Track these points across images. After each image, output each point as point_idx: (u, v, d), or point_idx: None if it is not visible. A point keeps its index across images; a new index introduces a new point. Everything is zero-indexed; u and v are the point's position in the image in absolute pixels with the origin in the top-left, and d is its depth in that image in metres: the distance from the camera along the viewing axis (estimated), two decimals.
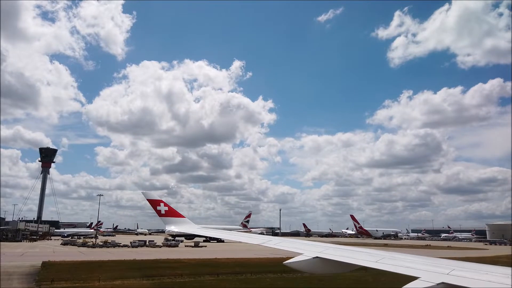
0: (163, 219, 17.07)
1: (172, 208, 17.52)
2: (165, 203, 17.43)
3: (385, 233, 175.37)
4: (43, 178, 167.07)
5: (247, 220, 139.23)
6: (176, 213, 17.55)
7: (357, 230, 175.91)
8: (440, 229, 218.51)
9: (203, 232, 17.71)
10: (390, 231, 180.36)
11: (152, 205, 17.31)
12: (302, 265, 9.14)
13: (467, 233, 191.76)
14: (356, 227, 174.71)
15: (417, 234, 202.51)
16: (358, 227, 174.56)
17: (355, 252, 9.96)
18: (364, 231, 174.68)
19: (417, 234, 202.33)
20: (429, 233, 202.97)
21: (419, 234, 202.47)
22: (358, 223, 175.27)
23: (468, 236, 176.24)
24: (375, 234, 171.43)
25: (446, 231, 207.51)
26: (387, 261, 8.45)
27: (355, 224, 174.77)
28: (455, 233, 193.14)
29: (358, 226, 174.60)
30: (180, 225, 17.44)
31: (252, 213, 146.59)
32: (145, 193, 17.94)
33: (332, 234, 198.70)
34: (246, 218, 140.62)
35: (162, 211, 17.17)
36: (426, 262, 8.24)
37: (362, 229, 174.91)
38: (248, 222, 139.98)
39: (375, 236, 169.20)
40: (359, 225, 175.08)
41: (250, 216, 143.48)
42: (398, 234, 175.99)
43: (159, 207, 17.20)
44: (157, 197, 17.73)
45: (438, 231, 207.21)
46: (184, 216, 17.54)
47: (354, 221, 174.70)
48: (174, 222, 17.34)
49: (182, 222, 17.48)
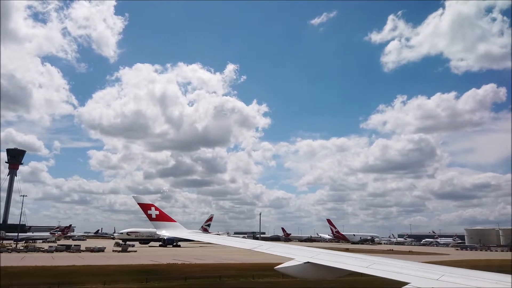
0: (154, 223, 17.39)
1: (163, 212, 17.85)
2: (156, 207, 17.73)
3: (362, 237, 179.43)
4: (10, 180, 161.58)
5: (208, 224, 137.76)
6: (167, 218, 17.87)
7: (333, 235, 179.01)
8: (426, 234, 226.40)
9: (193, 236, 18.20)
10: (367, 235, 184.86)
11: (143, 209, 17.55)
12: (293, 270, 9.42)
13: (450, 238, 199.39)
14: (333, 232, 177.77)
15: (402, 238, 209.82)
16: (335, 232, 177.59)
17: (346, 257, 10.22)
18: (341, 235, 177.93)
19: (403, 238, 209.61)
20: (415, 238, 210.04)
21: (400, 239, 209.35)
22: (335, 228, 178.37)
23: (449, 241, 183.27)
24: (352, 239, 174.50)
25: (431, 236, 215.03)
26: (377, 266, 8.68)
27: (332, 228, 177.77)
28: (440, 238, 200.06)
29: (335, 230, 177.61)
30: (171, 229, 17.78)
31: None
32: (136, 197, 18.19)
33: (311, 238, 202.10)
34: (207, 221, 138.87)
35: (153, 215, 17.44)
36: (416, 267, 8.45)
37: (339, 234, 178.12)
38: (209, 226, 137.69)
39: (352, 241, 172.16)
40: (336, 230, 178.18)
41: (212, 219, 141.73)
42: (375, 239, 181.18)
43: (149, 211, 17.47)
44: (148, 201, 17.97)
45: (424, 236, 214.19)
46: (175, 221, 17.97)
47: (331, 226, 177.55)
48: (165, 226, 17.65)
49: (173, 226, 17.83)
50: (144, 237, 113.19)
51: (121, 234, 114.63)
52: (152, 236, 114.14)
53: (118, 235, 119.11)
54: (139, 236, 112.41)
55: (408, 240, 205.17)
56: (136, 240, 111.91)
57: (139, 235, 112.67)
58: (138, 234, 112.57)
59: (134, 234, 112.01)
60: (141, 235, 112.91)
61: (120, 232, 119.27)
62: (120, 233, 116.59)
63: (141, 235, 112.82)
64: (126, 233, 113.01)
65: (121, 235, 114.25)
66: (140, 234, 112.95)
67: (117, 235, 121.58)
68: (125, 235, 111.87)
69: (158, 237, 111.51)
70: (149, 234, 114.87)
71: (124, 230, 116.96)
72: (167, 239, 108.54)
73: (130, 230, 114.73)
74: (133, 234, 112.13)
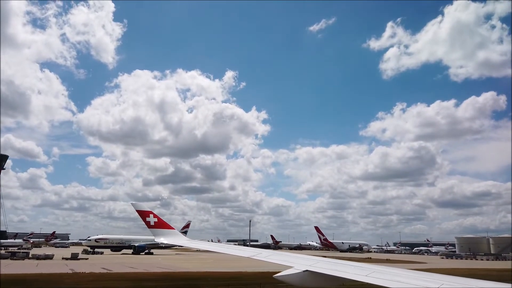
0: (152, 231, 18.61)
1: (161, 220, 19.06)
2: (154, 214, 18.91)
3: (351, 245, 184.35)
4: None
5: (184, 230, 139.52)
6: (166, 225, 19.07)
7: (321, 242, 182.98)
8: (421, 243, 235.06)
9: (190, 244, 19.51)
10: (355, 243, 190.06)
11: (141, 216, 18.70)
12: (292, 279, 10.03)
13: (442, 246, 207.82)
14: (321, 239, 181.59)
15: (395, 246, 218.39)
16: (323, 239, 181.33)
17: (345, 265, 10.91)
18: (329, 243, 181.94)
19: (395, 246, 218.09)
20: (410, 246, 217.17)
21: (393, 247, 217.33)
22: (323, 235, 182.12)
23: (440, 250, 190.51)
24: (340, 247, 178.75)
25: (426, 245, 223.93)
26: (377, 275, 9.18)
27: (320, 236, 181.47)
28: (434, 247, 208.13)
29: (323, 238, 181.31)
30: (169, 237, 18.98)
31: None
32: (135, 204, 19.32)
33: (301, 246, 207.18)
34: (184, 228, 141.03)
35: (152, 222, 18.60)
36: (416, 276, 9.03)
37: (327, 241, 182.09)
38: (186, 233, 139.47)
39: (341, 249, 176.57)
40: (324, 237, 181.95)
41: (189, 226, 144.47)
42: (363, 247, 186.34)
43: (148, 218, 18.63)
44: (146, 208, 19.14)
45: (419, 244, 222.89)
46: (174, 228, 19.26)
47: (319, 233, 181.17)
48: (163, 233, 18.81)
49: (172, 234, 19.07)
50: (114, 244, 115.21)
51: (88, 241, 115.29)
52: (123, 243, 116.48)
53: (85, 242, 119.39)
54: (108, 243, 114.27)
55: (400, 248, 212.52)
56: (106, 247, 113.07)
57: (108, 242, 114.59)
58: (107, 241, 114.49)
59: (103, 241, 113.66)
60: (111, 242, 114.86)
61: (88, 238, 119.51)
62: (88, 240, 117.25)
63: (110, 242, 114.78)
64: (95, 239, 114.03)
65: (89, 241, 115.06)
66: (109, 241, 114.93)
67: (84, 242, 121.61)
68: (93, 242, 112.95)
69: (129, 244, 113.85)
70: (119, 241, 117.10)
71: (92, 237, 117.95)
72: (138, 246, 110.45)
73: (99, 237, 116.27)
74: (102, 241, 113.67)
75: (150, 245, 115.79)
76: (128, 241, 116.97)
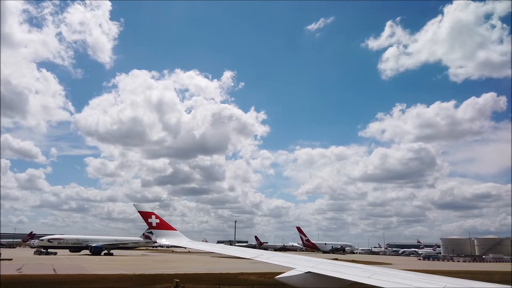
0: (154, 232, 20.94)
1: (163, 221, 21.40)
2: (156, 215, 21.23)
3: (334, 246, 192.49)
4: None
5: (150, 231, 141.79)
6: (168, 226, 21.38)
7: (303, 243, 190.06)
8: (412, 244, 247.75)
9: (192, 245, 21.77)
10: (338, 245, 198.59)
11: (143, 217, 20.98)
12: (294, 280, 10.89)
13: (431, 248, 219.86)
14: (303, 240, 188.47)
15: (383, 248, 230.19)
16: (305, 240, 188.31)
17: (347, 267, 11.93)
18: (311, 244, 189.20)
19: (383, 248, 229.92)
20: (401, 248, 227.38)
21: (380, 248, 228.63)
22: (305, 236, 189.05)
23: (428, 251, 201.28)
24: (323, 248, 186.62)
25: (417, 246, 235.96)
26: (379, 276, 9.92)
27: (302, 236, 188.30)
28: (425, 248, 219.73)
29: (305, 239, 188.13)
30: (171, 238, 21.31)
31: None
32: (137, 205, 21.54)
33: (285, 247, 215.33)
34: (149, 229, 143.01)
35: (154, 223, 20.89)
36: (417, 278, 9.79)
37: (309, 242, 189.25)
38: (151, 233, 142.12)
39: (324, 250, 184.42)
40: (306, 238, 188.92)
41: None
42: (346, 249, 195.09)
43: (150, 219, 20.93)
44: (148, 209, 21.38)
45: (410, 246, 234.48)
46: (176, 229, 21.72)
47: (301, 234, 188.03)
48: (165, 234, 21.14)
49: (174, 235, 21.40)
50: (69, 244, 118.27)
51: (41, 241, 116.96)
52: (80, 243, 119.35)
53: (38, 242, 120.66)
54: (62, 244, 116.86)
55: (387, 250, 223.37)
56: (61, 247, 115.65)
57: (62, 242, 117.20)
58: (61, 241, 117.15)
59: (57, 241, 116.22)
60: (66, 242, 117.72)
61: (40, 238, 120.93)
62: (41, 240, 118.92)
63: (65, 242, 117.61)
64: (47, 240, 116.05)
65: (41, 242, 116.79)
66: (64, 241, 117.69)
67: (37, 242, 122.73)
68: (45, 242, 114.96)
69: (87, 245, 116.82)
70: (75, 241, 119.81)
71: (45, 237, 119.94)
72: (94, 247, 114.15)
73: (53, 237, 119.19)
74: (56, 241, 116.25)
75: (109, 245, 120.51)
76: (85, 241, 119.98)
